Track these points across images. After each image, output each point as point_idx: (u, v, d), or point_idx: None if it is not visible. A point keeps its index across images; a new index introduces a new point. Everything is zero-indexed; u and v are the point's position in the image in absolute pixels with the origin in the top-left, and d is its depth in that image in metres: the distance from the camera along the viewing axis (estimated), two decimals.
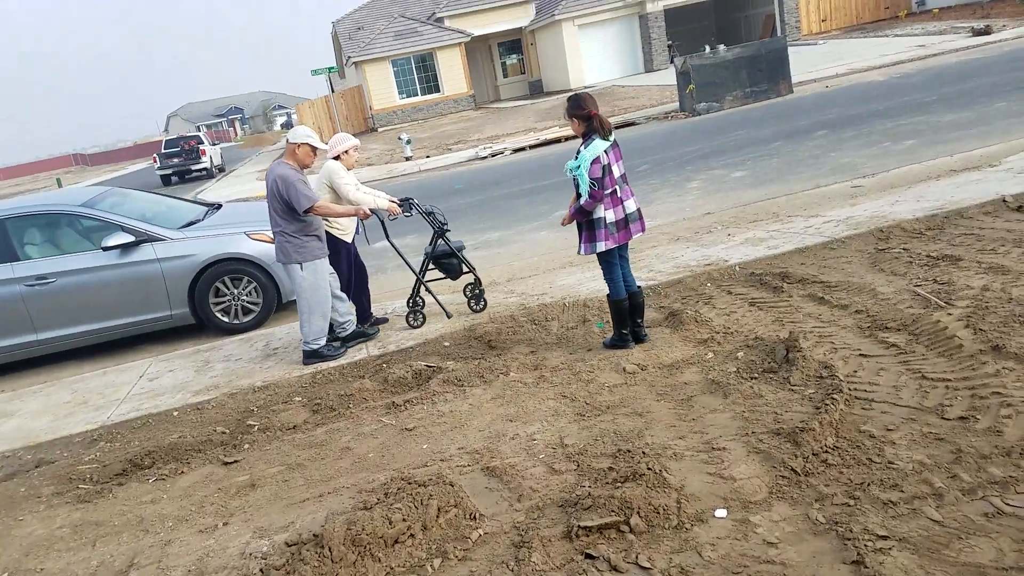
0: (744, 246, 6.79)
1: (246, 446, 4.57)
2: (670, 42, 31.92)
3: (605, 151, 4.48)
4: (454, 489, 3.20)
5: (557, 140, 18.95)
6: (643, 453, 3.28)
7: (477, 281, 6.34)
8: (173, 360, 6.75)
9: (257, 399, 5.45)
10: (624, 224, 4.66)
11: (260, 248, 7.22)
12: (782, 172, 10.05)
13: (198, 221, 7.78)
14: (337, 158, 6.09)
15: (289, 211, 5.55)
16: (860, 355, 4.08)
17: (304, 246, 5.64)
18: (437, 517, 3.05)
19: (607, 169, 4.50)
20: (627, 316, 4.86)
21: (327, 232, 5.99)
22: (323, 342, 5.90)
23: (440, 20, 32.69)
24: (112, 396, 6.05)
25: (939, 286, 4.88)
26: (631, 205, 4.69)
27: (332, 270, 5.98)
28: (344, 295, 6.15)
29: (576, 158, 4.52)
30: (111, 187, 8.56)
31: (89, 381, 6.59)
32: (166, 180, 29.57)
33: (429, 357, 5.54)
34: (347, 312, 6.15)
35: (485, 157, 18.64)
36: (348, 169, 6.12)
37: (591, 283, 6.51)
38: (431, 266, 6.30)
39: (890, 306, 4.71)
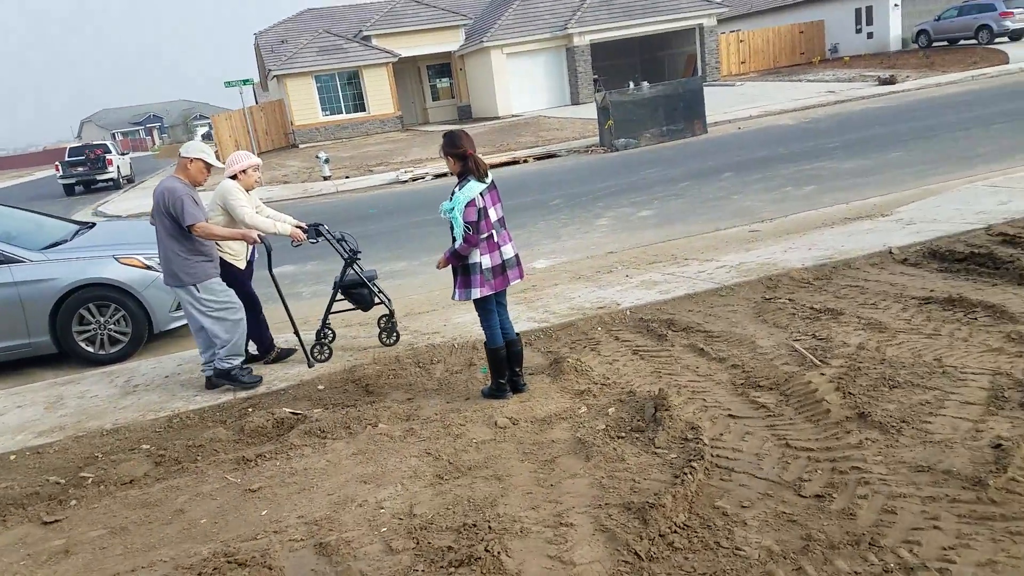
0: (639, 289, 6.72)
1: (73, 502, 4.09)
2: (595, 76, 32.43)
3: (481, 193, 4.28)
4: (271, 573, 2.86)
5: None
6: (489, 528, 3.04)
7: (391, 313, 6.02)
8: (24, 394, 6.14)
9: (104, 444, 4.96)
10: (501, 270, 4.47)
11: (129, 273, 6.74)
12: (686, 213, 10.13)
13: (64, 242, 7.22)
14: (235, 177, 5.69)
15: (177, 228, 5.16)
16: (729, 415, 3.97)
17: (194, 267, 5.23)
18: None
19: (483, 212, 4.29)
20: (504, 365, 4.65)
21: (219, 256, 5.57)
22: (237, 362, 5.45)
23: (367, 39, 32.31)
24: None
25: (818, 342, 4.86)
26: (509, 251, 4.50)
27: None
28: None
29: (450, 199, 4.30)
30: None
31: None
32: (69, 190, 27.95)
33: (298, 403, 5.18)
34: None
35: (406, 181, 18.35)
36: (248, 190, 5.73)
37: None
38: (340, 296, 5.92)
39: (766, 362, 4.65)
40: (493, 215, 4.39)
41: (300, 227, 5.71)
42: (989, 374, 3.99)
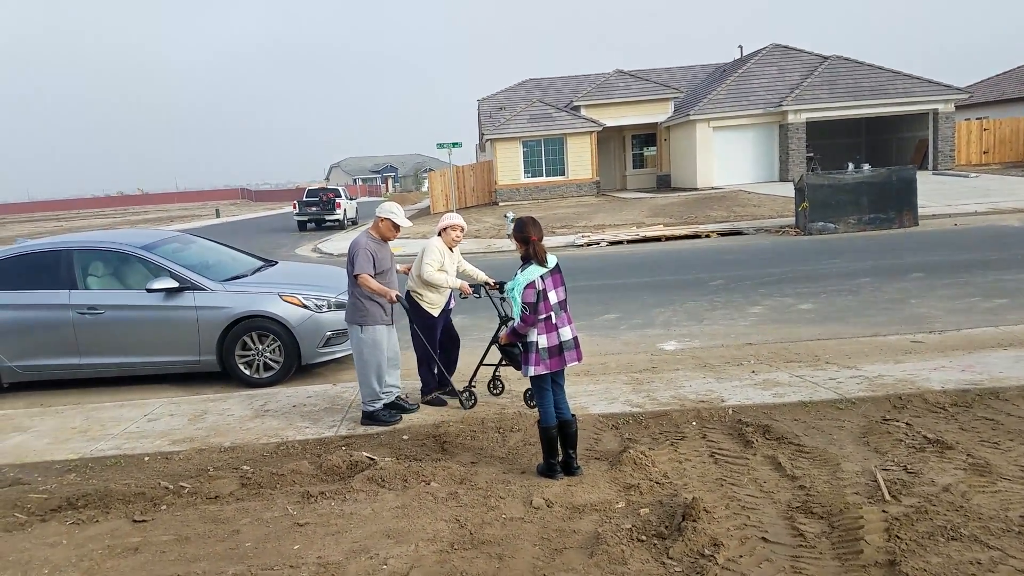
0: (755, 388, 6.40)
1: (164, 507, 4.71)
2: (810, 155, 31.05)
3: (541, 276, 4.49)
4: None
5: (657, 239, 18.75)
6: None
7: None
8: (180, 404, 7.12)
9: (218, 460, 5.62)
10: (558, 351, 4.58)
11: (288, 310, 7.63)
12: (850, 312, 9.40)
13: (244, 276, 8.32)
14: (440, 234, 6.47)
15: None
16: (762, 538, 3.70)
17: (363, 309, 6.01)
18: None
19: (542, 295, 4.48)
20: (555, 444, 4.70)
21: (418, 304, 6.34)
22: (379, 406, 6.13)
23: (576, 108, 33.60)
24: (110, 430, 6.46)
25: (906, 475, 4.36)
26: (567, 333, 4.62)
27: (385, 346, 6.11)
28: (398, 365, 6.36)
29: (513, 280, 4.54)
30: (179, 233, 9.36)
31: (104, 411, 7.06)
32: (302, 226, 31.79)
33: (380, 448, 5.56)
34: (391, 384, 6.28)
35: (581, 246, 18.71)
36: (450, 247, 6.45)
37: (585, 397, 6.34)
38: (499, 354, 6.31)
39: (837, 488, 4.25)
40: (553, 297, 4.55)
41: (487, 283, 6.44)
42: None
